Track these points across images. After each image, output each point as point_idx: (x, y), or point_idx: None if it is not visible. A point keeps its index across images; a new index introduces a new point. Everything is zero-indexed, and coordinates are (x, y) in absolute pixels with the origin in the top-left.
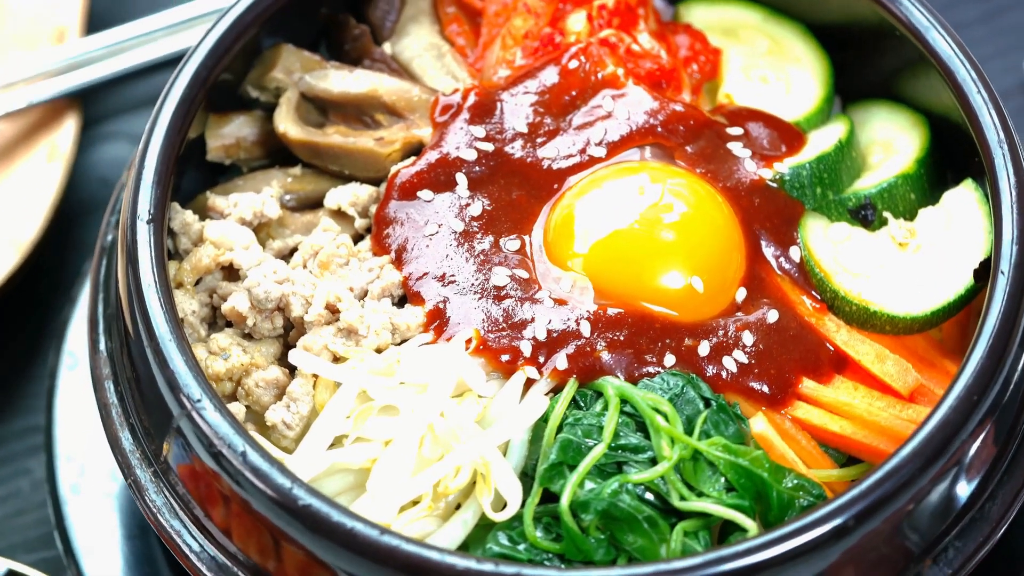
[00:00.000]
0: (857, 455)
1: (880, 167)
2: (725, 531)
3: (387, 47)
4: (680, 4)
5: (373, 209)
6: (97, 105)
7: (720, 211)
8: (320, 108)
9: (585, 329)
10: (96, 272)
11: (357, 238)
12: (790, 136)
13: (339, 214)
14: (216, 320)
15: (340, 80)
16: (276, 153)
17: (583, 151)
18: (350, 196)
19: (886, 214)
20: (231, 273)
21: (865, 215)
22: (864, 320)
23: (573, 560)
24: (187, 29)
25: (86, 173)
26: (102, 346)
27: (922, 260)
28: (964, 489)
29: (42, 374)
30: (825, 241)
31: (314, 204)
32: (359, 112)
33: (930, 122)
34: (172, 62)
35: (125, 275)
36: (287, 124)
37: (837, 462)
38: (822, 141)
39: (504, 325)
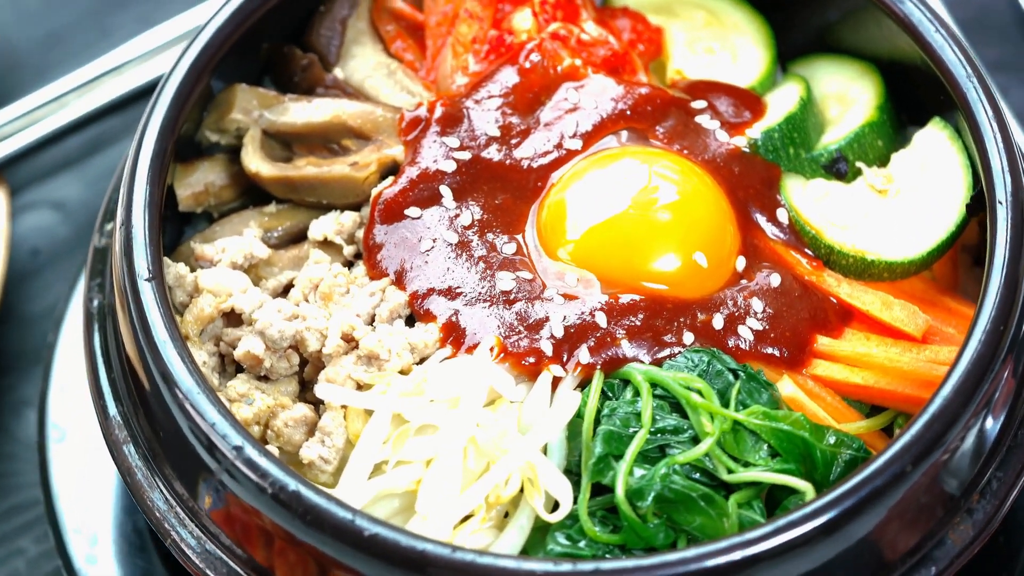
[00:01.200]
0: (881, 403)
1: (842, 120)
2: (773, 496)
3: (338, 72)
4: None
5: (359, 234)
6: (10, 177)
7: (707, 184)
8: (283, 143)
9: (601, 320)
10: (89, 339)
11: (347, 265)
12: (750, 102)
13: (325, 244)
14: (225, 368)
15: (301, 111)
16: (245, 194)
17: (559, 146)
18: (334, 225)
19: (859, 164)
20: (231, 319)
21: (838, 169)
22: (862, 271)
23: (634, 548)
24: (95, 89)
25: (14, 245)
26: (112, 411)
27: (905, 203)
28: (997, 421)
29: (14, 453)
30: (807, 199)
31: (296, 238)
32: (325, 140)
33: (878, 67)
34: (83, 124)
35: (133, 336)
36: (257, 163)
37: (861, 413)
38: (783, 102)
39: (521, 328)
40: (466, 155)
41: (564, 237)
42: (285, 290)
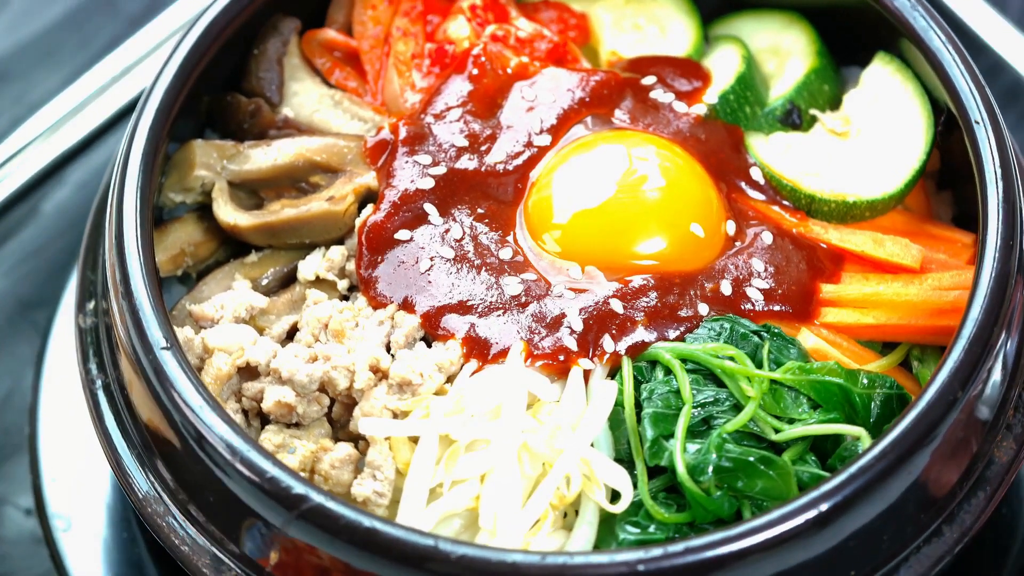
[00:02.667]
0: (894, 339)
1: (783, 72)
2: (817, 447)
3: (287, 112)
4: None
5: (349, 267)
6: None
7: (683, 156)
8: (249, 191)
9: (617, 306)
10: (100, 420)
11: (343, 299)
12: (693, 70)
13: (318, 282)
14: (250, 422)
15: (264, 156)
16: (220, 248)
17: (529, 144)
18: (324, 262)
19: (812, 111)
20: (244, 373)
21: (793, 120)
22: (844, 213)
23: (703, 523)
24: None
25: None
26: (145, 488)
27: (868, 141)
28: (1015, 336)
29: (4, 553)
30: (774, 154)
31: (284, 282)
32: (293, 181)
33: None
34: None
35: (159, 408)
36: (233, 215)
37: (875, 352)
38: (726, 65)
39: (541, 329)
40: (441, 169)
41: (558, 232)
42: (289, 335)
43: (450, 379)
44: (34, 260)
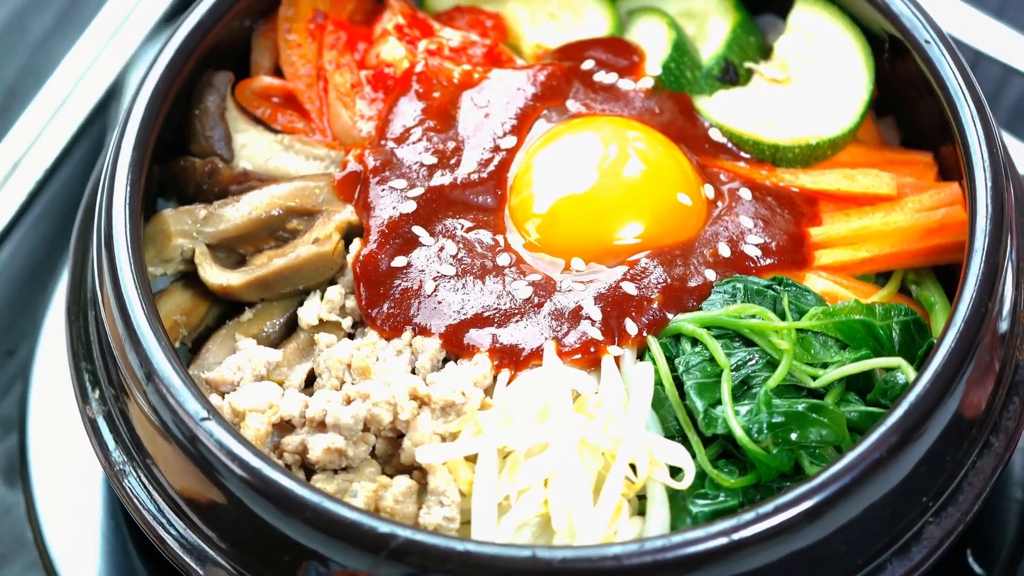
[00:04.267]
0: (889, 268)
1: (706, 33)
2: (850, 386)
3: (244, 165)
4: None
5: (349, 304)
6: None
7: (648, 131)
8: (227, 250)
9: (630, 289)
10: (137, 508)
11: (349, 337)
12: (624, 47)
13: (321, 325)
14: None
15: (236, 212)
16: (209, 312)
17: (496, 149)
18: (324, 305)
19: (748, 64)
20: (277, 429)
21: (730, 77)
22: (808, 156)
23: (768, 482)
24: None
25: None
26: (205, 567)
27: (810, 83)
28: (1016, 241)
29: None
30: (725, 112)
31: (286, 333)
32: (270, 232)
33: None
34: None
35: (213, 479)
36: (224, 276)
37: (871, 283)
38: (655, 35)
39: (563, 326)
40: (419, 191)
41: (549, 228)
42: (307, 383)
43: (487, 392)
44: None
